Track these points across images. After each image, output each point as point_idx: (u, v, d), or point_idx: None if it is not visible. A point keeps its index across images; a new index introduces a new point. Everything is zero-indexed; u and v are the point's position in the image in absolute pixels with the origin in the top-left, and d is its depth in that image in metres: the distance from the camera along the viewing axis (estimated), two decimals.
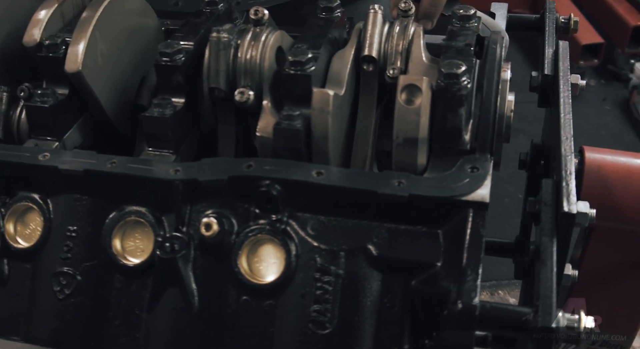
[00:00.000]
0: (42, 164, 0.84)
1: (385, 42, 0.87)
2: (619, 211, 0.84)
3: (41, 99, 0.87)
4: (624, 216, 0.85)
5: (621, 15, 2.78)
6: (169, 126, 0.83)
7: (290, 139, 0.79)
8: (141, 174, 0.81)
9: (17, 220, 0.87)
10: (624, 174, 0.84)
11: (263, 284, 0.79)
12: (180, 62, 0.84)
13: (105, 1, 0.90)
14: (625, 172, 0.84)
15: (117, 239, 0.83)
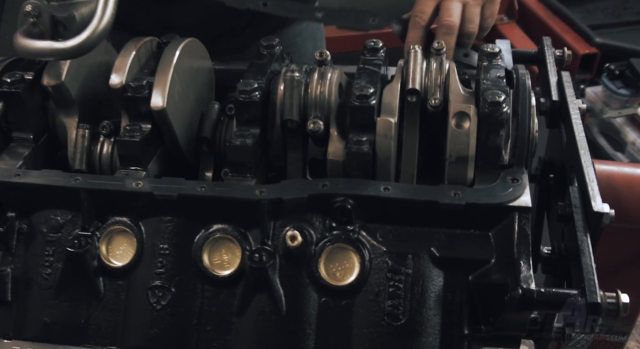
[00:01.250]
0: (138, 190, 0.95)
1: (425, 76, 1.02)
2: (626, 212, 1.01)
3: (130, 134, 0.99)
4: (630, 217, 1.01)
5: (570, 44, 3.04)
6: (251, 154, 0.96)
7: (360, 161, 0.93)
8: (231, 196, 0.93)
9: (109, 242, 0.98)
10: (629, 182, 1.01)
11: (341, 285, 0.92)
12: (256, 99, 0.97)
13: (179, 47, 1.03)
14: (630, 180, 1.01)
15: (206, 254, 0.95)
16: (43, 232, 0.99)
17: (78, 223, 0.98)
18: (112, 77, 1.01)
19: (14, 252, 1.00)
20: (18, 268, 1.00)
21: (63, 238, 0.98)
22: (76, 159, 1.04)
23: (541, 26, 3.28)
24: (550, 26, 3.23)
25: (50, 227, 0.98)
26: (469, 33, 1.19)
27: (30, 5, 1.00)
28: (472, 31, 1.18)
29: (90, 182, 0.96)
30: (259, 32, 1.60)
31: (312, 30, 1.70)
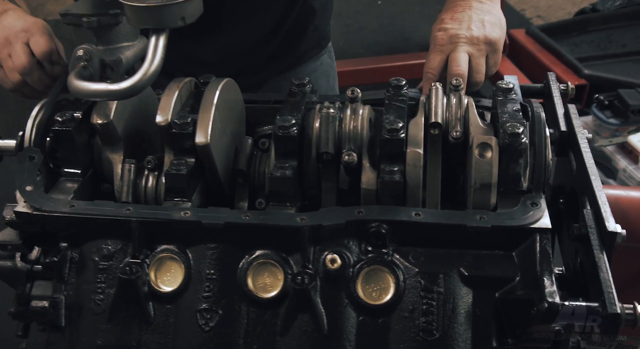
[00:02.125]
0: (186, 219, 1.02)
1: (446, 111, 1.11)
2: (634, 232, 1.09)
3: (177, 168, 1.07)
4: (638, 236, 1.10)
5: (560, 76, 3.16)
6: (291, 184, 1.04)
7: (393, 189, 1.01)
8: (274, 223, 1.01)
9: (157, 268, 1.04)
10: (636, 204, 1.10)
11: (378, 304, 0.99)
12: (294, 133, 1.05)
13: (219, 86, 1.12)
14: (637, 202, 1.10)
15: (250, 278, 1.02)
16: (95, 260, 1.05)
17: (128, 251, 1.05)
18: (158, 115, 1.09)
19: (67, 281, 1.06)
20: (71, 295, 1.06)
21: (114, 266, 1.05)
22: (123, 191, 1.11)
23: (531, 59, 3.41)
24: (540, 59, 3.36)
25: (101, 255, 1.05)
26: (476, 82, 1.28)
27: (82, 50, 1.09)
28: (479, 80, 1.28)
29: (141, 212, 1.03)
30: (276, 70, 1.70)
31: (326, 68, 1.80)
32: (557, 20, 4.07)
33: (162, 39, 1.03)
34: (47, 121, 1.15)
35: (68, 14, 1.13)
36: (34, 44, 1.30)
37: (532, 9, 4.60)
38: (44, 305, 1.04)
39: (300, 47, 1.73)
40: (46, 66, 1.29)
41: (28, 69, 1.28)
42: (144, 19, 1.01)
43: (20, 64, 1.28)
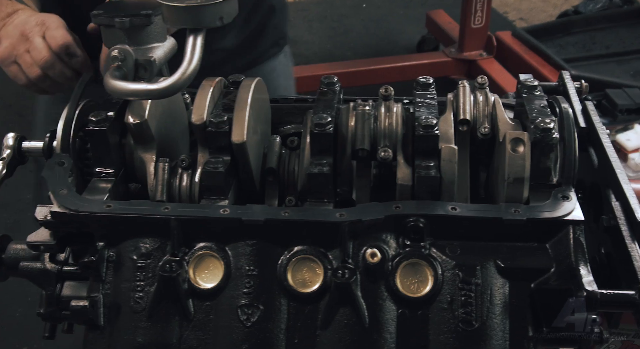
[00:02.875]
0: (226, 217, 1.03)
1: (473, 108, 1.14)
2: None
3: (214, 166, 1.08)
4: None
5: (547, 77, 3.23)
6: (329, 181, 1.06)
7: (429, 184, 1.04)
8: (314, 219, 1.02)
9: (196, 266, 1.05)
10: None
11: (417, 297, 1.01)
12: (330, 131, 1.07)
13: (252, 85, 1.13)
14: None
15: (289, 273, 1.03)
16: (133, 259, 1.06)
17: (166, 249, 1.05)
18: (194, 114, 1.10)
19: (104, 280, 1.07)
20: (109, 294, 1.06)
21: (152, 264, 1.05)
22: (157, 190, 1.12)
23: (518, 61, 3.47)
24: (527, 60, 3.43)
25: (139, 254, 1.06)
26: None
27: (117, 50, 1.10)
28: None
29: (180, 210, 1.04)
30: (235, 68, 1.71)
31: (284, 68, 1.87)
32: (541, 23, 4.15)
33: (200, 39, 1.04)
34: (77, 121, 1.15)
35: (99, 14, 1.14)
36: (51, 37, 1.34)
37: (514, 11, 4.68)
38: (84, 304, 1.05)
39: (260, 45, 1.78)
40: (65, 59, 1.30)
41: (50, 63, 1.32)
42: (182, 19, 1.03)
43: (42, 58, 1.31)
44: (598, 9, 3.94)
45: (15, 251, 1.26)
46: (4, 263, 1.25)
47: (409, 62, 3.58)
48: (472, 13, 3.42)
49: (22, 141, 1.24)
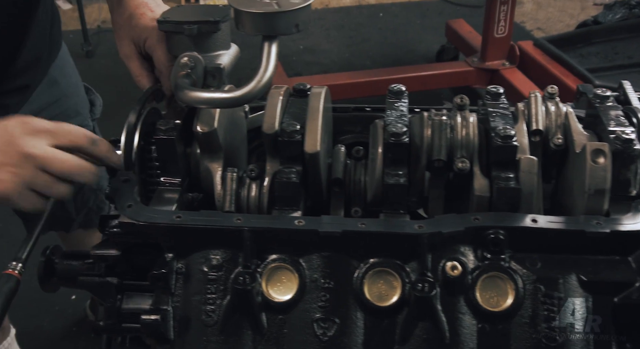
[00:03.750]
0: (302, 228, 1.01)
1: (545, 118, 1.12)
2: None
3: (287, 176, 1.05)
4: None
5: (572, 87, 3.21)
6: (405, 192, 1.04)
7: (509, 196, 1.02)
8: (392, 231, 1.00)
9: (268, 278, 1.03)
10: None
11: (498, 311, 0.99)
12: (406, 141, 1.05)
13: (323, 94, 1.11)
14: None
15: (366, 286, 1.01)
16: (203, 271, 1.03)
17: (238, 261, 1.03)
18: (265, 123, 1.08)
19: (174, 292, 1.04)
20: (178, 307, 1.04)
21: (224, 276, 1.03)
22: (225, 201, 1.09)
23: (541, 70, 3.46)
24: (550, 70, 3.41)
25: (210, 266, 1.03)
26: None
27: (187, 57, 1.08)
28: None
29: (254, 222, 1.02)
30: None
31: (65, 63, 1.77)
32: (561, 33, 4.14)
33: (274, 46, 1.03)
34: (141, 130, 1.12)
35: (166, 21, 1.12)
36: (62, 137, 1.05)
37: (531, 21, 4.67)
38: (156, 318, 1.02)
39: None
40: (90, 151, 1.07)
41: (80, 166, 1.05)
42: (257, 26, 1.01)
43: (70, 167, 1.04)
44: (618, 19, 3.93)
45: (68, 262, 1.24)
46: (57, 274, 1.23)
47: (431, 71, 3.57)
48: (495, 22, 3.41)
49: None
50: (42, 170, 1.01)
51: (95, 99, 1.92)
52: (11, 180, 1.00)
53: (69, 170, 1.03)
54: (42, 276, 1.21)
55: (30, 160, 1.00)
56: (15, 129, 1.01)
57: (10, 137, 1.00)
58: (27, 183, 1.01)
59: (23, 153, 1.00)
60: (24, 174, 1.00)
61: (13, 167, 1.00)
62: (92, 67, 4.22)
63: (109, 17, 1.35)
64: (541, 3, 4.88)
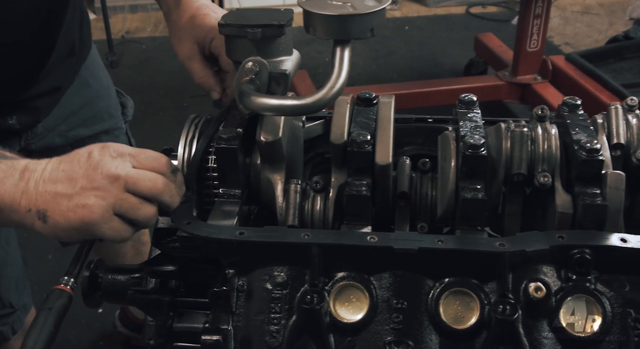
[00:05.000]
0: (376, 245, 0.95)
1: (627, 131, 1.06)
2: None
3: (357, 189, 1.00)
4: None
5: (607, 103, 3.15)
6: (485, 207, 0.97)
7: (596, 213, 0.95)
8: (473, 249, 0.94)
9: (336, 297, 0.97)
10: None
11: (584, 336, 0.92)
12: (484, 153, 0.99)
13: (392, 103, 1.06)
14: None
15: (441, 307, 0.95)
16: (267, 288, 0.97)
17: (304, 279, 0.97)
18: (333, 133, 1.03)
19: (234, 311, 0.98)
20: (240, 327, 0.98)
21: (289, 295, 0.97)
22: (289, 214, 1.04)
23: (574, 85, 3.39)
24: (583, 85, 3.35)
25: (275, 283, 0.97)
26: None
27: (252, 62, 1.02)
28: None
29: (323, 238, 0.96)
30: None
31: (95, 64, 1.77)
32: (591, 48, 4.08)
33: (347, 51, 0.97)
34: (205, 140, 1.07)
35: (228, 24, 1.07)
36: (146, 160, 1.01)
37: (559, 36, 4.61)
38: (217, 339, 0.96)
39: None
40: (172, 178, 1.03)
41: (166, 187, 1.01)
42: (331, 30, 0.96)
43: (158, 188, 0.99)
44: None
45: (113, 276, 1.19)
46: (102, 289, 1.17)
47: (461, 85, 3.51)
48: (527, 36, 3.35)
49: None
50: (128, 191, 0.97)
51: (126, 101, 1.88)
52: (97, 204, 0.95)
53: (157, 189, 0.98)
54: (86, 291, 1.15)
55: (115, 181, 0.96)
56: (96, 153, 0.98)
57: (93, 161, 0.97)
58: (113, 206, 0.96)
59: (108, 175, 0.95)
60: (110, 196, 0.95)
61: (98, 190, 0.95)
62: (116, 77, 4.16)
63: (133, 27, 1.30)
64: (568, 18, 4.83)
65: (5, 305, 1.76)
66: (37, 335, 0.93)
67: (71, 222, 0.95)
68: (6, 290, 1.75)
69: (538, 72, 3.48)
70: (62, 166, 0.97)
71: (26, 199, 0.96)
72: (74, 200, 0.94)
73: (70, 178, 0.96)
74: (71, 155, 1.00)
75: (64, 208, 0.95)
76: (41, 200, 0.95)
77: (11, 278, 1.77)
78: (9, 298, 1.77)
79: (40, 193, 0.95)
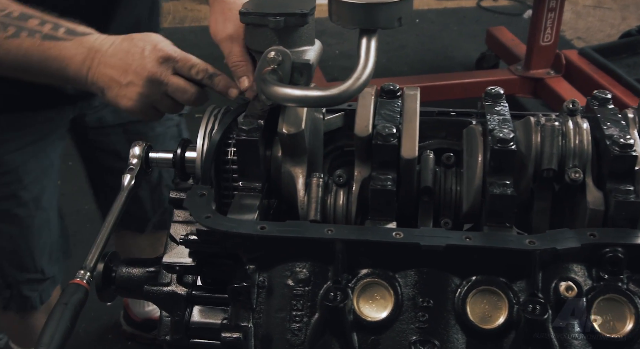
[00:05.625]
0: (402, 241, 0.92)
1: None
2: None
3: (382, 183, 0.97)
4: None
5: (620, 97, 3.11)
6: (514, 203, 0.94)
7: (629, 210, 0.92)
8: (503, 246, 0.91)
9: (360, 295, 0.94)
10: None
11: (616, 337, 0.89)
12: (513, 148, 0.95)
13: (418, 95, 1.03)
14: None
15: (468, 306, 0.92)
16: (289, 285, 0.95)
17: (327, 276, 0.94)
18: (357, 125, 1.00)
19: (254, 307, 0.96)
20: (260, 324, 0.95)
21: (312, 291, 0.94)
22: (311, 208, 1.01)
23: (587, 80, 3.35)
24: (597, 80, 3.31)
25: (297, 280, 0.95)
26: None
27: (274, 52, 0.99)
28: None
29: (347, 233, 0.93)
30: None
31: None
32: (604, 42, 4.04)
33: (374, 41, 0.94)
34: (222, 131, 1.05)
35: (249, 12, 1.04)
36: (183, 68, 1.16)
37: (570, 30, 4.57)
38: (238, 336, 0.93)
39: None
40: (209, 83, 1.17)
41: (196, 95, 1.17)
42: (357, 18, 0.92)
43: (188, 98, 1.16)
44: None
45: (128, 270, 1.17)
46: (115, 282, 1.15)
47: (473, 78, 3.47)
48: (541, 30, 3.31)
49: (149, 151, 1.13)
50: (166, 95, 1.16)
51: None
52: (138, 99, 1.15)
53: (187, 101, 1.16)
54: (100, 286, 1.13)
55: (157, 85, 1.14)
56: (148, 53, 1.13)
57: (143, 60, 1.13)
58: (151, 103, 1.16)
59: (151, 79, 1.13)
60: (150, 95, 1.15)
61: (141, 88, 1.14)
62: None
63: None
64: (580, 12, 4.78)
65: (37, 269, 1.79)
66: (53, 331, 0.91)
67: (118, 105, 1.16)
68: (39, 255, 1.78)
69: (551, 66, 3.44)
70: (119, 54, 1.14)
71: (91, 75, 1.16)
72: (122, 90, 1.14)
73: (123, 69, 1.14)
74: (128, 41, 1.15)
75: (114, 93, 1.15)
76: (100, 80, 1.15)
77: (46, 243, 1.79)
78: (41, 263, 1.78)
79: (100, 73, 1.15)
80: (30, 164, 1.67)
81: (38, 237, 1.75)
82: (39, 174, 1.70)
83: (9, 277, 1.77)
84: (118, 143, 1.82)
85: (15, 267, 1.76)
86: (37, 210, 1.72)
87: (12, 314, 1.89)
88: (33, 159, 1.67)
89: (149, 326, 2.33)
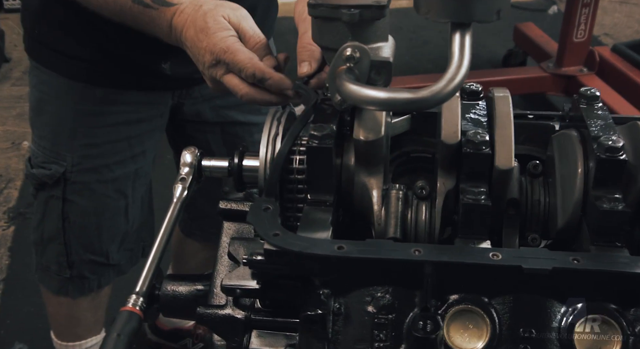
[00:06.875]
0: (501, 264, 0.81)
1: None
2: None
3: (475, 197, 0.86)
4: None
5: None
6: (626, 220, 0.84)
7: None
8: (615, 269, 0.79)
9: (450, 323, 0.83)
10: None
11: None
12: (623, 157, 0.84)
13: (509, 98, 0.92)
14: None
15: (576, 336, 0.81)
16: (370, 312, 0.84)
17: (413, 302, 0.83)
18: (444, 131, 0.89)
19: (330, 338, 0.85)
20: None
21: (397, 320, 0.83)
22: (390, 224, 0.90)
23: (621, 77, 3.24)
24: (632, 77, 3.19)
25: (379, 306, 0.84)
26: None
27: (351, 48, 0.89)
28: None
29: (437, 254, 0.82)
30: None
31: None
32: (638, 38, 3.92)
33: (468, 36, 0.84)
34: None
35: (320, 4, 0.93)
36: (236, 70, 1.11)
37: (597, 26, 4.42)
38: None
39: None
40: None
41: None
42: (450, 10, 0.82)
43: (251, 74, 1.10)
44: None
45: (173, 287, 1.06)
46: (159, 300, 1.05)
47: (502, 76, 3.36)
48: (575, 26, 3.19)
49: (202, 158, 1.03)
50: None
51: None
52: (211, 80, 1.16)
53: (247, 100, 1.12)
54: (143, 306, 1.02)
55: (214, 82, 1.15)
56: (203, 49, 1.12)
57: (201, 56, 1.13)
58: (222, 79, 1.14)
59: (207, 76, 1.16)
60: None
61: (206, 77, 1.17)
62: None
63: None
64: (606, 8, 4.65)
65: (102, 253, 1.69)
66: None
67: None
68: (108, 239, 1.68)
69: (584, 63, 3.32)
70: (189, 43, 1.15)
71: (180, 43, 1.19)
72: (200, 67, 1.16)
73: (194, 54, 1.16)
74: (199, 28, 1.13)
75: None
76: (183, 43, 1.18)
77: (119, 230, 1.70)
78: (107, 247, 1.69)
79: (184, 38, 1.16)
80: (120, 145, 1.59)
81: (110, 220, 1.66)
82: (127, 158, 1.62)
83: (73, 255, 1.68)
84: (215, 144, 1.73)
85: (82, 245, 1.67)
86: (115, 192, 1.64)
87: (62, 299, 1.78)
88: (124, 142, 1.59)
89: (176, 336, 2.22)
